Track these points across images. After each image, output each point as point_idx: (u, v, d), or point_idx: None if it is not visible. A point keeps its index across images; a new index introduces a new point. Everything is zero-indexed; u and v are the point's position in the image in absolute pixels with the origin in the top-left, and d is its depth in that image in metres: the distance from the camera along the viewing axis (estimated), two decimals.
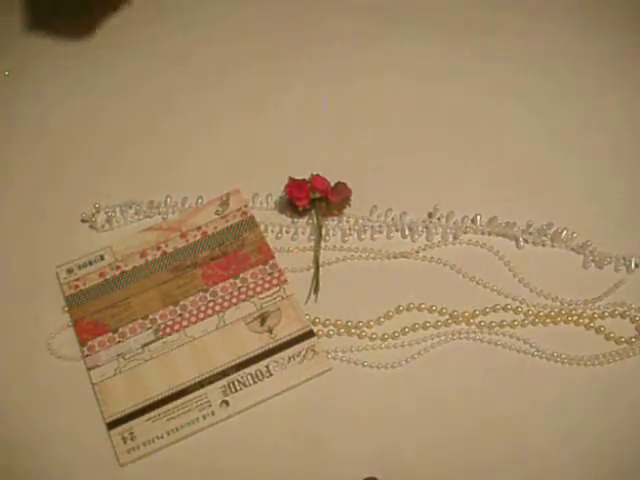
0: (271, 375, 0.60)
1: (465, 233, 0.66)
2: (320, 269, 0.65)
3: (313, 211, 0.67)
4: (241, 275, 0.64)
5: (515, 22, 0.79)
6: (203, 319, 0.63)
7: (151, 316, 0.63)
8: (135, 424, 0.58)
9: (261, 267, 0.65)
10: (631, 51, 0.77)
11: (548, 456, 0.55)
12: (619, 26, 0.78)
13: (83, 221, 0.69)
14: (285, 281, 0.64)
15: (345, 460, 0.56)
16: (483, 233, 0.66)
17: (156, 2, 0.85)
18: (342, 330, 0.62)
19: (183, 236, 0.67)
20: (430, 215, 0.67)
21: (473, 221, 0.66)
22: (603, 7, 0.80)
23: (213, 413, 0.58)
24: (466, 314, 0.62)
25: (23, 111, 0.78)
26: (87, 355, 0.62)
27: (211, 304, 0.63)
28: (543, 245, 0.65)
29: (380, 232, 0.67)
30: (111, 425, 0.58)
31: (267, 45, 0.80)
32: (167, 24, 0.83)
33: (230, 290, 0.64)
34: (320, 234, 0.66)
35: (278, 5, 0.82)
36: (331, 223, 0.67)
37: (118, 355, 0.61)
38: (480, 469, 0.55)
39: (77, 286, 0.65)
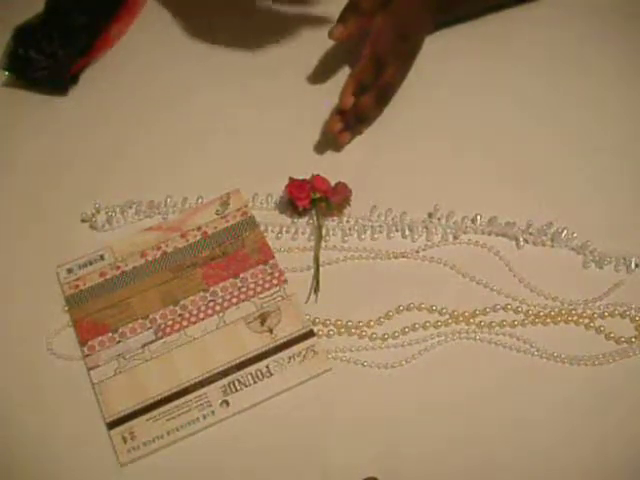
0: (271, 375, 0.60)
1: (465, 233, 0.66)
2: (320, 269, 0.65)
3: (313, 211, 0.67)
4: (241, 275, 0.64)
5: (515, 24, 0.79)
6: (203, 319, 0.63)
7: (151, 316, 0.63)
8: (135, 424, 0.58)
9: (261, 267, 0.65)
10: (632, 51, 0.77)
11: (548, 456, 0.55)
12: (620, 28, 0.78)
13: (83, 221, 0.69)
14: (285, 281, 0.64)
15: (345, 460, 0.56)
16: (483, 233, 0.66)
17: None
18: (342, 330, 0.62)
19: (183, 236, 0.67)
20: (430, 215, 0.67)
21: (473, 221, 0.66)
22: (606, 11, 0.80)
23: (213, 413, 0.58)
24: (466, 314, 0.62)
25: (24, 111, 0.78)
26: (87, 355, 0.62)
27: (211, 304, 0.63)
28: (543, 245, 0.65)
29: (380, 232, 0.67)
30: (111, 425, 0.58)
31: (266, 45, 0.80)
32: (172, 23, 0.83)
33: (230, 290, 0.64)
34: (320, 234, 0.66)
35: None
36: (331, 223, 0.67)
37: (118, 355, 0.61)
38: (480, 468, 0.55)
39: (77, 286, 0.65)
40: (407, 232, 0.66)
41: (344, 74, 0.75)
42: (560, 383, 0.58)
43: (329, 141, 0.72)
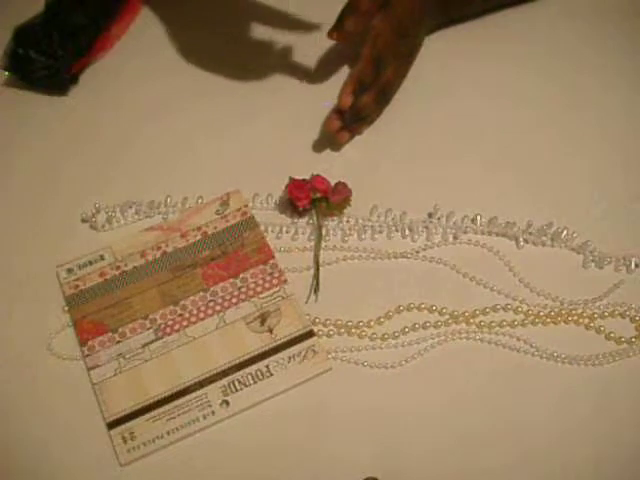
0: (271, 375, 0.60)
1: (465, 233, 0.66)
2: (320, 269, 0.65)
3: (313, 211, 0.67)
4: (241, 275, 0.64)
5: (515, 25, 0.79)
6: (203, 319, 0.63)
7: (151, 316, 0.63)
8: (135, 424, 0.58)
9: (261, 267, 0.65)
10: (632, 51, 0.77)
11: (548, 457, 0.55)
12: (621, 28, 0.78)
13: (83, 221, 0.69)
14: (285, 281, 0.64)
15: (345, 460, 0.56)
16: (483, 233, 0.66)
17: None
18: (342, 330, 0.62)
19: (183, 236, 0.67)
20: (430, 215, 0.67)
21: (473, 221, 0.66)
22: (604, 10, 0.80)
23: (213, 413, 0.58)
24: (466, 314, 0.62)
25: (25, 111, 0.78)
26: (87, 355, 0.62)
27: (211, 304, 0.63)
28: (543, 245, 0.65)
29: (380, 232, 0.67)
30: (111, 425, 0.58)
31: (266, 45, 0.80)
32: (173, 25, 0.83)
33: (230, 290, 0.64)
34: (320, 234, 0.66)
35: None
36: (331, 223, 0.67)
37: (118, 355, 0.61)
38: (480, 468, 0.55)
39: (77, 286, 0.65)
40: (407, 232, 0.66)
41: (344, 74, 0.75)
42: (560, 383, 0.58)
43: (329, 141, 0.72)
